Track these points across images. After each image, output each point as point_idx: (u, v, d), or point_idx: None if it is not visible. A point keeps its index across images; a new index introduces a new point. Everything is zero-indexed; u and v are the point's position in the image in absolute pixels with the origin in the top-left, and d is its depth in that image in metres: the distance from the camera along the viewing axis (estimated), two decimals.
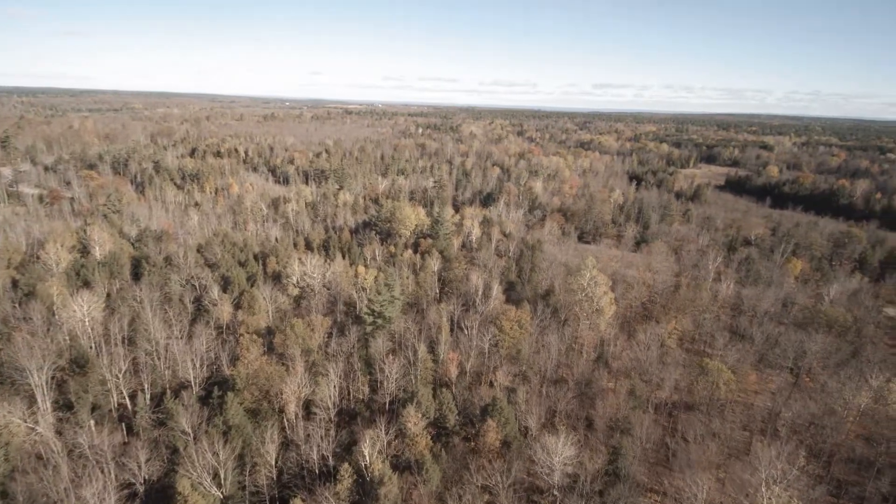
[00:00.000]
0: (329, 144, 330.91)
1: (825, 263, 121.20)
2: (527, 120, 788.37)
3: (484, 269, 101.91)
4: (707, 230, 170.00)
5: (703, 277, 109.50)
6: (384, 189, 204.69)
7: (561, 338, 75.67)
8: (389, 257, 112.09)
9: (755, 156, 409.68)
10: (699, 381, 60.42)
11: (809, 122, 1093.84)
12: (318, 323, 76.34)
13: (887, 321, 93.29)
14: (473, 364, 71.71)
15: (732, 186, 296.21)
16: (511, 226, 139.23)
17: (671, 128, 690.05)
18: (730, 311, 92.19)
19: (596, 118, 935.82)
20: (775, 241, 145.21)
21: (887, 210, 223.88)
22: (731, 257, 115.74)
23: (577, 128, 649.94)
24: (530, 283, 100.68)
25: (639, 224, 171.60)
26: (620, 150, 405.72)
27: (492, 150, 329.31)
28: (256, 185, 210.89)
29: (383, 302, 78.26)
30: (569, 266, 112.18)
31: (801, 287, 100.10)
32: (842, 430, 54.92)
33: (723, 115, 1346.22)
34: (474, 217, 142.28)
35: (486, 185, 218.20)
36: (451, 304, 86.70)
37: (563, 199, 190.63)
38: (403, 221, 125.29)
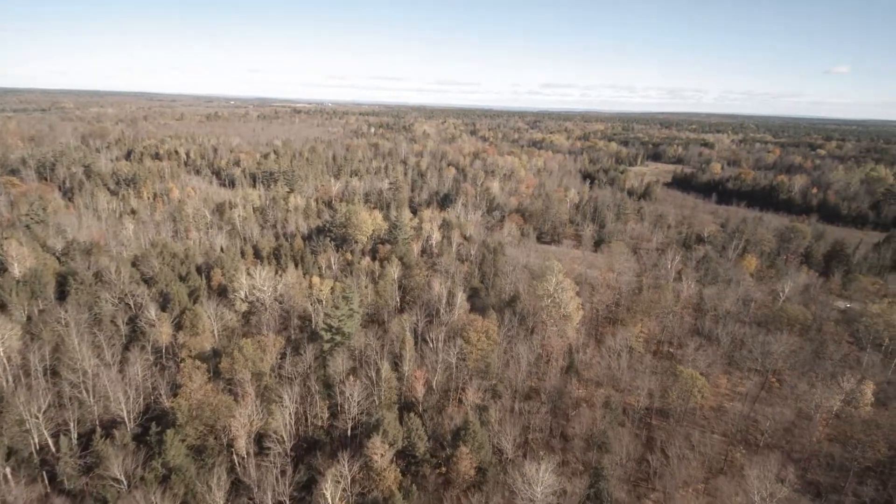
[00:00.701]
0: (277, 145, 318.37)
1: (779, 260, 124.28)
2: (478, 119, 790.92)
3: (446, 276, 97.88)
4: (660, 227, 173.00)
5: (664, 277, 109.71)
6: (337, 191, 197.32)
7: (530, 347, 72.64)
8: (346, 265, 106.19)
9: (698, 153, 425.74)
10: (673, 390, 58.72)
11: (744, 119, 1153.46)
12: (269, 342, 69.97)
13: (839, 314, 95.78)
14: (440, 380, 67.52)
15: (679, 183, 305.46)
16: (471, 228, 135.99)
17: (618, 127, 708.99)
18: (692, 312, 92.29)
19: (545, 117, 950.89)
20: (726, 238, 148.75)
21: (823, 204, 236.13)
22: (689, 255, 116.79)
23: (527, 127, 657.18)
24: (494, 289, 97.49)
25: (595, 223, 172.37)
26: (571, 148, 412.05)
27: (446, 150, 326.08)
28: (199, 189, 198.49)
29: (341, 317, 72.77)
30: (531, 269, 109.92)
31: (757, 284, 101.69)
32: (816, 434, 54.45)
33: (664, 114, 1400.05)
34: (433, 220, 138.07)
35: (443, 186, 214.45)
36: (413, 315, 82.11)
37: (521, 199, 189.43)
38: (360, 227, 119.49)
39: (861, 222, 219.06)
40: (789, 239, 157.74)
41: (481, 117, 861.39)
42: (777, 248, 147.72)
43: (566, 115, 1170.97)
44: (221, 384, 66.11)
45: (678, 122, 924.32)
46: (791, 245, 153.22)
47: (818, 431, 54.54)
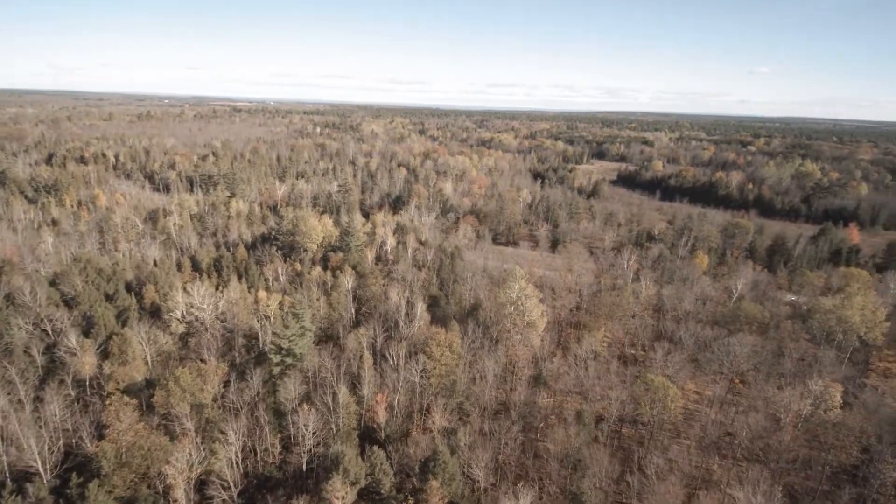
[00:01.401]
0: (217, 146, 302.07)
1: (729, 257, 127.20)
2: (427, 118, 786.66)
3: (404, 284, 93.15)
4: (611, 226, 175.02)
5: (622, 277, 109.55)
6: (283, 195, 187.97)
7: (496, 359, 69.26)
8: (295, 276, 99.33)
9: (639, 151, 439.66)
10: (645, 400, 56.87)
11: (678, 118, 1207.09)
12: (211, 369, 63.04)
13: (791, 310, 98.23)
14: (403, 401, 62.90)
15: (624, 181, 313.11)
16: (426, 232, 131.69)
17: (562, 125, 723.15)
18: (652, 313, 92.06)
19: (492, 116, 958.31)
20: (675, 236, 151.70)
21: (759, 199, 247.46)
22: (644, 255, 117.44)
23: (475, 126, 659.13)
24: (454, 297, 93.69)
25: (549, 223, 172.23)
26: (520, 147, 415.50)
27: (395, 150, 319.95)
28: (130, 195, 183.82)
29: (292, 336, 66.68)
30: (490, 274, 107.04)
31: (712, 282, 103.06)
32: (788, 439, 54.00)
33: (604, 113, 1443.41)
34: (387, 224, 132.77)
35: (394, 188, 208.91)
36: (370, 329, 76.90)
37: (474, 199, 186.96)
38: (309, 234, 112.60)
39: (794, 215, 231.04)
40: (733, 234, 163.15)
41: (430, 116, 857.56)
42: (723, 244, 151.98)
43: (512, 114, 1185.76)
44: (156, 420, 58.86)
45: (618, 120, 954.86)
46: (735, 240, 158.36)
47: (789, 436, 54.14)
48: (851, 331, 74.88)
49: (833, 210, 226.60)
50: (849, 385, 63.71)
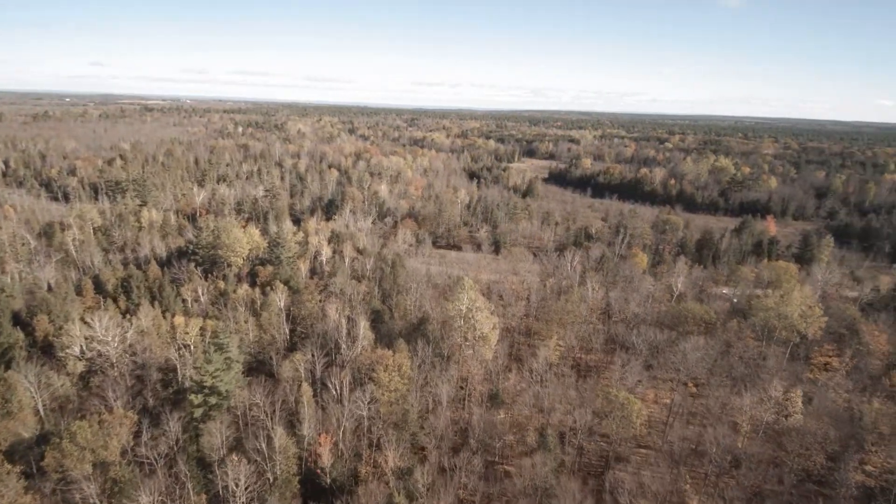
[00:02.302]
0: (125, 148, 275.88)
1: (666, 255, 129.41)
2: (355, 117, 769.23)
3: (343, 299, 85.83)
4: (548, 225, 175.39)
5: (567, 277, 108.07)
6: (203, 202, 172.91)
7: (449, 380, 64.11)
8: (218, 296, 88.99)
9: (567, 149, 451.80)
10: (610, 419, 53.97)
11: (598, 116, 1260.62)
12: (116, 418, 53.32)
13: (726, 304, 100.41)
14: (350, 439, 56.22)
15: (555, 179, 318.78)
16: (364, 239, 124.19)
17: (492, 124, 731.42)
18: (601, 316, 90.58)
19: (422, 115, 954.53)
20: (612, 233, 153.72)
21: (681, 194, 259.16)
22: (587, 256, 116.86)
23: (406, 125, 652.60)
24: (398, 310, 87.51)
25: (488, 224, 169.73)
26: (453, 147, 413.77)
27: (325, 151, 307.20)
28: (21, 207, 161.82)
29: (215, 371, 57.98)
30: (435, 282, 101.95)
31: (655, 282, 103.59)
32: (756, 448, 52.98)
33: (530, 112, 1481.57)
34: (321, 232, 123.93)
35: (326, 191, 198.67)
36: (308, 354, 69.30)
37: (411, 202, 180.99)
38: (232, 246, 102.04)
39: (714, 209, 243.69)
40: (664, 230, 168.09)
41: (358, 115, 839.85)
42: (655, 241, 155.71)
43: (441, 112, 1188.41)
44: (49, 486, 48.74)
45: (544, 119, 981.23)
46: (666, 236, 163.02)
47: (753, 443, 53.17)
48: (791, 327, 76.56)
49: (748, 203, 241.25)
50: (795, 381, 64.31)
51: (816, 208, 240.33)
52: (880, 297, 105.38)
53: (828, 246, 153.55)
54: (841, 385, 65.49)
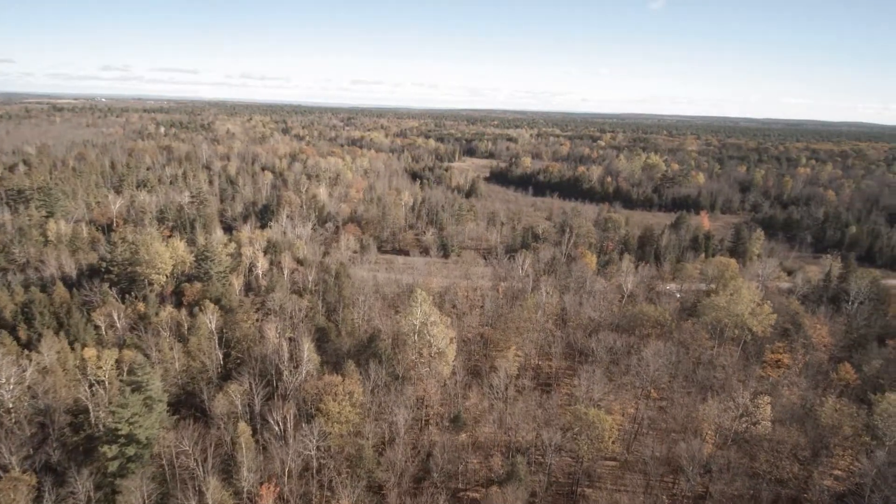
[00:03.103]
0: (30, 152, 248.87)
1: (614, 255, 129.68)
2: (289, 116, 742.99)
3: (283, 318, 78.25)
4: (494, 226, 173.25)
5: (519, 280, 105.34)
6: (119, 210, 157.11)
7: (405, 404, 58.73)
8: (138, 321, 78.64)
9: (505, 147, 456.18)
10: (582, 439, 50.71)
11: (533, 115, 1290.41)
12: (8, 483, 43.99)
13: (676, 302, 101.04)
14: (297, 484, 49.63)
15: (497, 178, 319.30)
16: (304, 247, 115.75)
17: (430, 123, 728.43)
18: (557, 321, 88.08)
19: (358, 114, 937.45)
20: (557, 233, 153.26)
21: (618, 191, 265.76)
22: (537, 258, 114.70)
23: (342, 124, 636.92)
24: (345, 325, 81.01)
25: (434, 226, 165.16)
26: (392, 146, 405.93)
27: (258, 152, 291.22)
28: None
29: (133, 417, 49.56)
30: (384, 293, 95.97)
31: (606, 283, 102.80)
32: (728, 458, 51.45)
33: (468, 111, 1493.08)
34: (255, 241, 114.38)
35: (260, 195, 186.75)
36: (245, 384, 61.71)
37: (353, 205, 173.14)
38: (154, 262, 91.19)
39: (649, 205, 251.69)
40: (606, 228, 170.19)
41: (292, 114, 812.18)
42: (599, 239, 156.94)
43: (379, 111, 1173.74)
44: None
45: (481, 118, 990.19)
46: (609, 234, 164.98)
47: (726, 454, 51.69)
48: (742, 325, 77.11)
49: (680, 198, 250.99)
50: (758, 386, 64.08)
51: (741, 202, 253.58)
52: (814, 287, 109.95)
53: (758, 239, 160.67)
54: (795, 383, 65.96)
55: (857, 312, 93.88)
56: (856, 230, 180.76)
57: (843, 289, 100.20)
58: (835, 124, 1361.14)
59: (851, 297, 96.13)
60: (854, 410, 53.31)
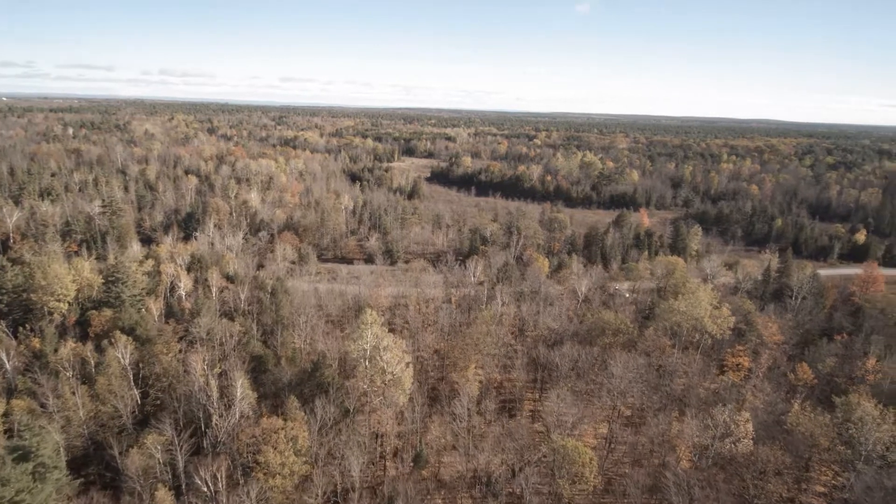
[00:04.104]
0: None
1: (564, 257, 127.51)
2: (215, 114, 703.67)
3: (212, 348, 68.54)
4: (440, 228, 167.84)
5: (471, 286, 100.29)
6: (17, 224, 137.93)
7: (360, 446, 51.63)
8: (33, 360, 66.23)
9: (444, 147, 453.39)
10: (560, 477, 45.88)
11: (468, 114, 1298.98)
12: None
13: (629, 304, 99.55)
14: None
15: (438, 178, 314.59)
16: (235, 261, 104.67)
17: (367, 122, 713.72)
18: (516, 333, 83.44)
19: (290, 112, 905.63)
20: (505, 235, 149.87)
21: (558, 190, 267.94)
22: (489, 264, 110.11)
23: (274, 123, 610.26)
24: (285, 350, 72.46)
25: (378, 231, 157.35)
26: (328, 146, 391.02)
27: (180, 154, 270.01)
28: None
29: (18, 496, 39.45)
30: (328, 310, 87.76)
31: (563, 290, 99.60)
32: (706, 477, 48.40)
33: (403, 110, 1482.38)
34: (177, 256, 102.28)
35: (183, 202, 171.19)
36: (166, 432, 52.26)
37: (289, 211, 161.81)
38: (52, 287, 78.02)
39: (588, 203, 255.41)
40: (552, 228, 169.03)
41: (218, 112, 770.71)
42: (547, 240, 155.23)
43: (311, 109, 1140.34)
44: None
45: (417, 116, 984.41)
46: (555, 234, 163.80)
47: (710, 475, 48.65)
48: (702, 329, 75.71)
49: (617, 196, 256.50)
50: (725, 393, 62.14)
51: (674, 198, 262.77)
52: (756, 283, 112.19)
53: (696, 235, 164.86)
54: (759, 388, 64.75)
55: (800, 307, 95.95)
56: (781, 223, 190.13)
57: (786, 284, 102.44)
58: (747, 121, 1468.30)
59: (794, 292, 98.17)
60: (827, 420, 51.80)
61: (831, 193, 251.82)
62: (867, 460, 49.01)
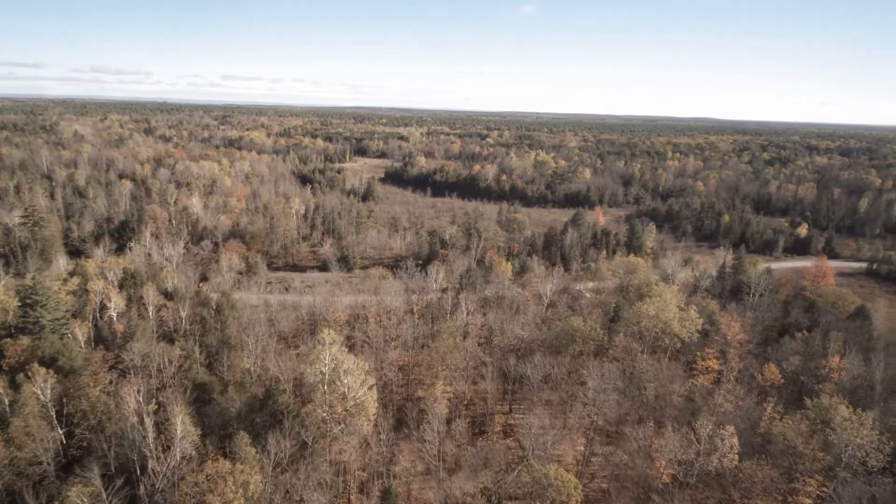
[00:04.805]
0: None
1: (529, 261, 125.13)
2: (153, 114, 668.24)
3: (147, 377, 61.05)
4: (397, 232, 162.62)
5: (432, 291, 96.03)
6: None
7: (321, 485, 46.29)
8: None
9: (398, 146, 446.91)
10: None
11: (420, 113, 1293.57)
12: None
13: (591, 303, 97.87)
14: None
15: (392, 178, 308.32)
16: (174, 275, 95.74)
17: (316, 122, 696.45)
18: (483, 344, 79.62)
19: (235, 111, 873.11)
20: (464, 238, 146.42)
21: (513, 189, 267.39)
22: (451, 269, 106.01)
23: (217, 123, 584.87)
24: (233, 376, 65.70)
25: (332, 236, 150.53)
26: (276, 147, 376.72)
27: (114, 157, 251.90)
28: None
29: None
30: (279, 327, 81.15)
31: (523, 293, 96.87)
32: None
33: (353, 109, 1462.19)
34: (108, 271, 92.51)
35: (116, 210, 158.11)
36: (94, 479, 45.15)
37: (234, 217, 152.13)
38: None
39: (544, 202, 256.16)
40: (511, 229, 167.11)
41: (156, 112, 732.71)
42: (507, 241, 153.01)
43: (257, 108, 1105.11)
44: None
45: (368, 115, 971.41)
46: (514, 235, 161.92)
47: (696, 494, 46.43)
48: (671, 333, 74.49)
49: (571, 194, 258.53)
50: (701, 402, 60.66)
51: (625, 195, 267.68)
52: (712, 281, 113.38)
53: (651, 233, 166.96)
54: (733, 392, 63.71)
55: (758, 304, 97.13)
56: (728, 219, 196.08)
57: (744, 281, 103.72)
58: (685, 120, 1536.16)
59: (752, 289, 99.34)
60: (805, 427, 50.71)
61: (771, 189, 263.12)
62: (847, 467, 48.14)
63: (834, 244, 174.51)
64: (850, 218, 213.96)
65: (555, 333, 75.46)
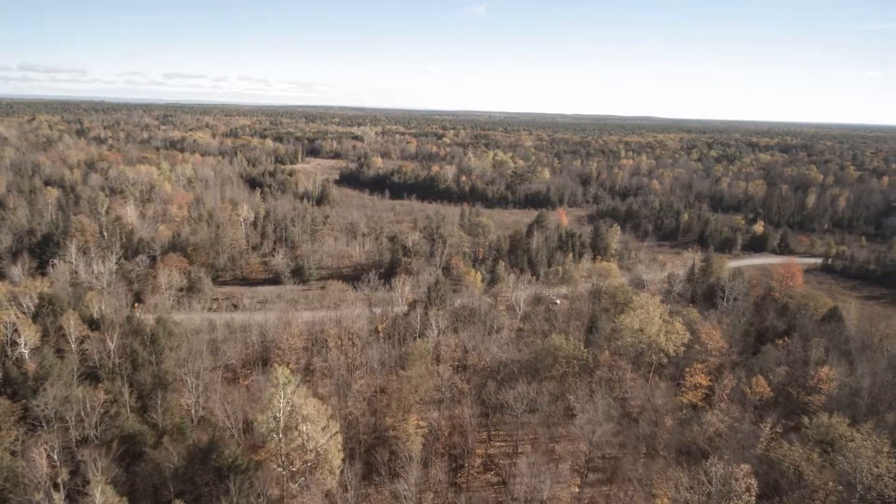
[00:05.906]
0: None
1: (501, 271, 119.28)
2: (86, 114, 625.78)
3: (64, 430, 50.80)
4: (355, 238, 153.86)
5: (394, 303, 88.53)
6: None
7: None
8: None
9: (352, 147, 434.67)
10: None
11: (373, 112, 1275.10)
12: None
13: (570, 313, 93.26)
14: None
15: (348, 180, 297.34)
16: (103, 299, 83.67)
17: (265, 121, 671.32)
18: (458, 368, 72.68)
19: (177, 111, 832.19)
20: (428, 244, 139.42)
21: (473, 190, 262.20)
22: (417, 282, 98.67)
23: (158, 123, 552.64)
24: (169, 422, 56.18)
25: (285, 244, 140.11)
26: (222, 148, 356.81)
27: (40, 161, 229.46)
28: None
29: None
30: (224, 354, 71.52)
31: (506, 311, 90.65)
32: None
33: (303, 108, 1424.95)
34: (23, 296, 79.91)
35: (40, 221, 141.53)
36: None
37: (174, 226, 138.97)
38: None
39: (504, 203, 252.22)
40: (475, 233, 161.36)
41: (90, 111, 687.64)
42: (472, 246, 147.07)
43: (201, 108, 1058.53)
44: None
45: (320, 115, 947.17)
46: (479, 239, 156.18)
47: None
48: (658, 347, 70.13)
49: (532, 194, 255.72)
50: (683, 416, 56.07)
51: (584, 195, 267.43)
52: (685, 284, 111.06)
53: (615, 234, 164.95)
54: (726, 411, 59.62)
55: (732, 309, 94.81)
56: (688, 217, 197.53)
57: (717, 285, 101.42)
58: (632, 118, 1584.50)
59: (726, 293, 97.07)
60: (814, 455, 46.76)
61: (723, 186, 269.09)
62: (863, 500, 44.29)
63: (788, 240, 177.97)
64: (798, 214, 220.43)
65: (535, 353, 69.53)
